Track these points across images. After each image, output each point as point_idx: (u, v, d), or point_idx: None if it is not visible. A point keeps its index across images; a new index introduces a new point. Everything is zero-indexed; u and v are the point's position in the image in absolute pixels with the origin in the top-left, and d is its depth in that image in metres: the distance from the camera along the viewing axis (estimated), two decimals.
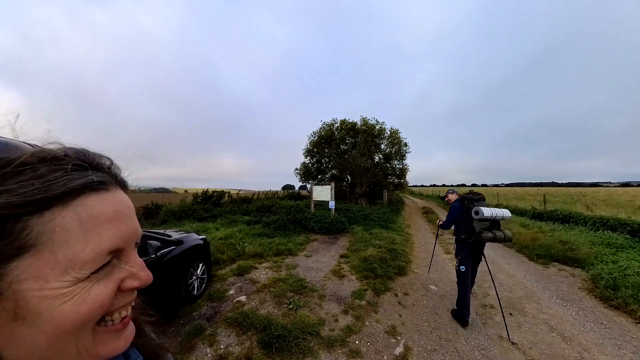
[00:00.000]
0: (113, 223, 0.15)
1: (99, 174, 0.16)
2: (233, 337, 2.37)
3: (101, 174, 0.16)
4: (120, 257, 0.17)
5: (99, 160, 0.18)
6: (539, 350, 2.33)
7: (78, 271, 0.12)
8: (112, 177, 0.18)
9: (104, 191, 0.15)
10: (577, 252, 5.02)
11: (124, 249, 0.17)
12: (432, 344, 2.40)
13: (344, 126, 18.20)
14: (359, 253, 5.12)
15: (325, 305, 3.06)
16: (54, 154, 0.14)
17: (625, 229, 5.99)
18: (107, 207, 0.15)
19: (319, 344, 2.30)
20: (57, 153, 0.14)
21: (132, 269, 0.18)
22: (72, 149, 0.16)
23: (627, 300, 3.18)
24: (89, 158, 0.17)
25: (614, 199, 16.81)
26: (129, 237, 0.17)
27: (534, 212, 9.67)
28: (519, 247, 6.10)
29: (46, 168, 0.13)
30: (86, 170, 0.15)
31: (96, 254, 0.13)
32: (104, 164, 0.18)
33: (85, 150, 0.17)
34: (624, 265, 4.06)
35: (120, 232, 0.16)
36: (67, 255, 0.12)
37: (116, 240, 0.15)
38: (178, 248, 2.88)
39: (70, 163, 0.14)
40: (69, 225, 0.12)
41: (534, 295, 3.56)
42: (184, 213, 10.06)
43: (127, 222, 0.17)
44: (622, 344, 2.47)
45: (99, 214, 0.14)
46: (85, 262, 0.13)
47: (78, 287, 0.13)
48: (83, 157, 0.16)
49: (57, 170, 0.13)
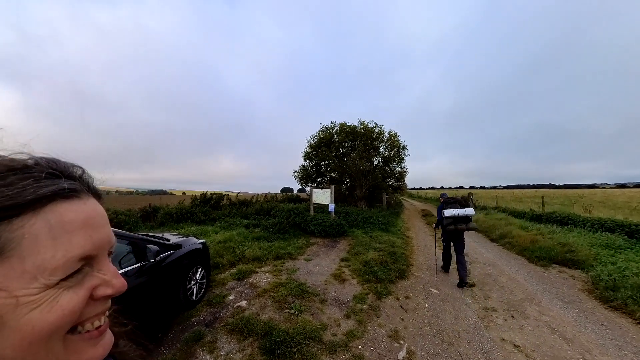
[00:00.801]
0: (84, 230, 0.15)
1: (70, 182, 0.16)
2: (234, 343, 2.33)
3: (73, 182, 0.16)
4: (93, 265, 0.17)
5: (71, 169, 0.18)
6: (541, 352, 2.33)
7: (47, 278, 0.12)
8: (84, 186, 0.18)
9: (76, 199, 0.15)
10: (577, 253, 5.04)
11: (95, 256, 0.16)
12: (435, 348, 2.39)
13: (343, 129, 18.30)
14: (359, 256, 5.10)
15: (327, 309, 3.03)
16: (24, 163, 0.14)
17: (623, 230, 6.04)
18: (78, 214, 0.15)
19: (322, 349, 2.28)
20: (27, 162, 0.14)
21: (105, 276, 0.17)
22: (42, 158, 0.16)
23: (626, 301, 3.19)
24: (60, 166, 0.16)
25: (611, 201, 16.96)
26: (100, 245, 0.17)
27: (532, 214, 9.73)
28: (519, 249, 6.12)
29: (16, 177, 0.13)
30: (57, 178, 0.15)
31: (66, 261, 0.13)
32: (76, 172, 0.18)
33: (56, 159, 0.17)
34: (622, 266, 4.09)
35: (92, 239, 0.15)
36: (36, 262, 0.12)
37: (87, 247, 0.15)
38: (177, 252, 2.86)
39: (40, 171, 0.14)
40: (38, 232, 0.12)
41: (535, 297, 3.56)
42: (182, 216, 9.99)
43: (99, 229, 0.17)
44: (622, 344, 2.47)
45: (69, 221, 0.14)
46: (55, 269, 0.12)
47: (46, 294, 0.12)
48: (54, 165, 0.16)
49: (27, 178, 0.13)
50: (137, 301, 2.13)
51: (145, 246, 2.31)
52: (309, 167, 19.80)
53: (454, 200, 4.22)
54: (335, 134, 18.54)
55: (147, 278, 2.29)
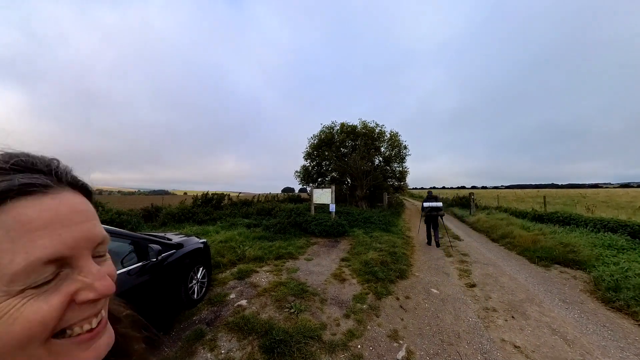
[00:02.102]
0: (50, 229, 0.12)
1: (34, 177, 0.13)
2: (234, 342, 2.35)
3: (38, 176, 0.14)
4: (73, 267, 0.14)
5: (39, 162, 0.15)
6: (541, 353, 2.32)
7: (7, 285, 0.11)
8: (58, 179, 0.15)
9: (41, 194, 0.13)
10: (579, 254, 5.01)
11: (71, 257, 0.14)
12: (434, 348, 2.39)
13: (344, 129, 18.29)
14: (359, 256, 5.10)
15: (326, 309, 3.05)
16: None
17: (625, 231, 5.99)
18: (42, 211, 0.12)
19: (321, 348, 2.29)
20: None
21: (86, 279, 0.15)
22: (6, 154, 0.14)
23: (628, 302, 3.17)
24: (26, 161, 0.14)
25: (614, 200, 16.83)
26: (76, 244, 0.14)
27: (534, 214, 9.66)
28: (520, 249, 6.10)
29: None
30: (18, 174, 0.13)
31: (27, 265, 0.11)
32: (45, 165, 0.15)
33: (23, 154, 0.15)
34: (625, 267, 4.06)
35: (62, 238, 0.13)
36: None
37: (56, 247, 0.12)
38: (178, 252, 2.88)
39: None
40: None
41: (536, 297, 3.55)
42: (184, 216, 10.04)
43: (73, 227, 0.14)
44: (624, 346, 2.45)
45: (30, 220, 0.11)
46: (15, 275, 0.11)
47: (8, 304, 0.11)
48: (16, 160, 0.13)
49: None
50: (139, 300, 2.15)
51: (147, 245, 2.33)
52: (310, 167, 19.81)
53: (432, 196, 7.02)
54: (336, 134, 18.54)
55: (149, 277, 2.31)
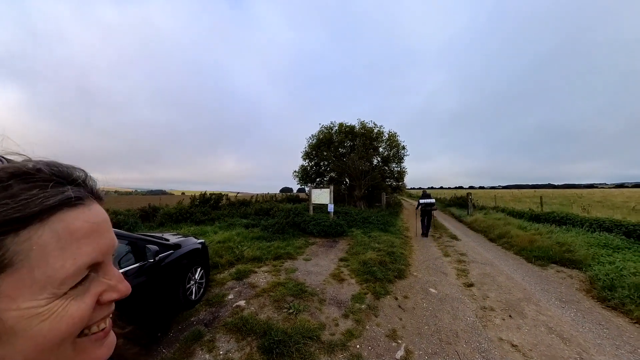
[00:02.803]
0: (91, 237, 0.15)
1: (74, 189, 0.15)
2: (232, 342, 2.34)
3: (77, 188, 0.16)
4: (98, 271, 0.17)
5: (74, 173, 0.17)
6: (538, 351, 2.34)
7: (57, 288, 0.12)
8: (88, 190, 0.17)
9: (81, 206, 0.15)
10: (575, 253, 5.06)
11: (102, 262, 0.16)
12: (433, 347, 2.40)
13: (343, 129, 18.30)
14: (358, 256, 5.11)
15: (325, 309, 3.04)
16: (25, 169, 0.13)
17: (620, 230, 6.07)
18: (84, 222, 0.14)
19: (320, 348, 2.29)
20: (29, 168, 0.13)
21: (110, 281, 0.18)
22: (42, 162, 0.15)
23: (623, 300, 3.21)
24: (64, 172, 0.16)
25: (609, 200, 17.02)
26: (106, 251, 0.17)
27: (531, 214, 9.75)
28: (517, 249, 6.14)
29: (19, 186, 0.12)
30: (62, 186, 0.14)
31: (75, 270, 0.13)
32: (79, 177, 0.17)
33: (57, 163, 0.16)
34: (620, 266, 4.10)
35: (98, 245, 0.15)
36: (46, 273, 0.11)
37: (94, 254, 0.15)
38: (176, 252, 2.86)
39: (45, 179, 0.13)
40: (47, 243, 0.12)
41: (533, 297, 3.58)
42: (182, 216, 9.99)
43: (105, 235, 0.17)
44: (620, 344, 2.48)
45: (77, 230, 0.13)
46: (65, 279, 0.12)
47: (56, 304, 0.12)
48: (57, 171, 0.15)
49: (31, 188, 0.12)
50: (137, 301, 2.13)
51: (144, 246, 2.31)
52: (308, 167, 19.79)
53: (426, 195, 8.53)
54: (334, 134, 18.53)
55: (147, 278, 2.30)
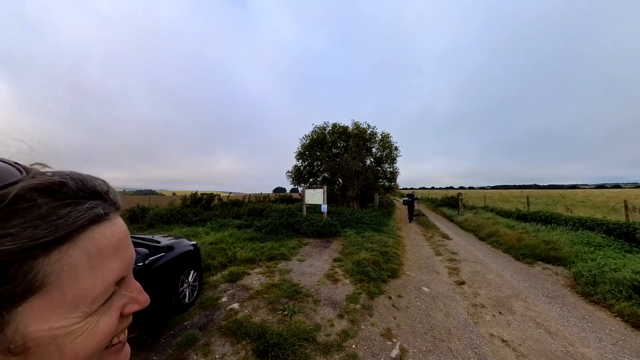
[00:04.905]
0: (117, 253, 0.15)
1: (100, 203, 0.15)
2: (227, 346, 2.30)
3: (101, 201, 0.15)
4: (121, 284, 0.17)
5: (97, 185, 0.16)
6: (527, 346, 2.42)
7: (89, 307, 0.12)
8: (111, 203, 0.17)
9: (107, 221, 0.14)
10: (560, 251, 5.26)
11: (125, 275, 0.17)
12: (427, 345, 2.44)
13: (336, 130, 18.36)
14: (352, 256, 5.13)
15: (320, 310, 3.04)
16: (50, 183, 0.12)
17: (602, 229, 6.34)
18: (111, 237, 0.14)
19: (316, 350, 2.28)
20: (53, 182, 0.12)
21: (132, 294, 0.18)
22: (66, 174, 0.14)
23: (605, 295, 3.36)
24: (88, 186, 0.15)
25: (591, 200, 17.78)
26: (130, 264, 0.17)
27: (518, 213, 10.06)
28: (505, 247, 6.34)
29: (48, 205, 0.11)
30: (89, 201, 0.14)
31: (105, 288, 0.13)
32: (102, 189, 0.16)
33: (80, 176, 0.15)
34: (601, 262, 4.29)
35: (123, 260, 0.15)
36: (77, 292, 0.12)
37: (121, 270, 0.15)
38: (168, 255, 2.79)
39: (72, 195, 0.13)
40: (77, 262, 0.11)
41: (521, 293, 3.69)
42: (173, 217, 9.76)
43: (128, 248, 0.17)
44: (602, 336, 2.60)
45: (105, 246, 0.13)
46: (96, 297, 0.12)
47: (87, 321, 0.12)
48: (82, 185, 0.14)
49: (61, 207, 0.12)
50: None
51: None
52: (301, 167, 19.74)
53: (410, 194, 13.36)
54: (327, 135, 18.57)
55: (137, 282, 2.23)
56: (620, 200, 8.23)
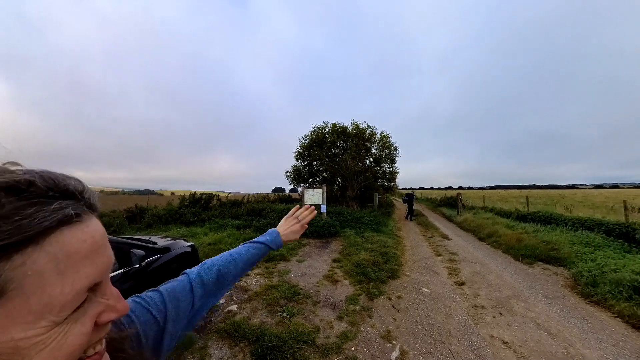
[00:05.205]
0: (89, 257, 0.13)
1: (72, 204, 0.13)
2: (225, 349, 2.27)
3: (74, 202, 0.13)
4: (96, 291, 0.15)
5: (70, 184, 0.14)
6: (528, 347, 2.40)
7: (56, 316, 0.11)
8: (85, 204, 0.15)
9: (79, 223, 0.13)
10: (559, 251, 5.25)
11: (100, 281, 0.15)
12: (427, 347, 2.41)
13: (335, 130, 18.34)
14: (351, 257, 5.11)
15: (319, 312, 3.01)
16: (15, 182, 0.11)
17: (601, 229, 6.33)
18: (83, 241, 0.12)
19: (315, 352, 2.25)
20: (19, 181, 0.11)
21: (109, 301, 0.16)
22: (35, 172, 0.12)
23: (605, 296, 3.35)
24: (60, 185, 0.13)
25: (590, 200, 17.83)
26: (105, 269, 0.15)
27: (518, 213, 10.04)
28: (505, 247, 6.32)
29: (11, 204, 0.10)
30: (58, 201, 0.12)
31: (75, 295, 0.11)
32: (76, 189, 0.15)
33: (51, 174, 0.13)
34: (601, 263, 4.28)
35: (97, 265, 0.14)
36: (43, 300, 0.10)
37: (94, 275, 0.13)
38: (165, 256, 2.76)
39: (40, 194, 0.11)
40: (43, 268, 0.10)
41: (521, 294, 3.68)
42: (171, 217, 9.70)
43: (103, 252, 0.15)
44: (603, 337, 2.58)
45: (75, 251, 0.12)
46: (64, 305, 0.11)
47: (55, 331, 0.11)
48: (52, 184, 0.13)
49: (25, 207, 0.10)
50: None
51: (129, 251, 2.21)
52: (301, 167, 19.71)
53: (408, 194, 13.47)
54: (327, 134, 18.54)
55: (133, 284, 2.20)
56: (619, 200, 8.24)
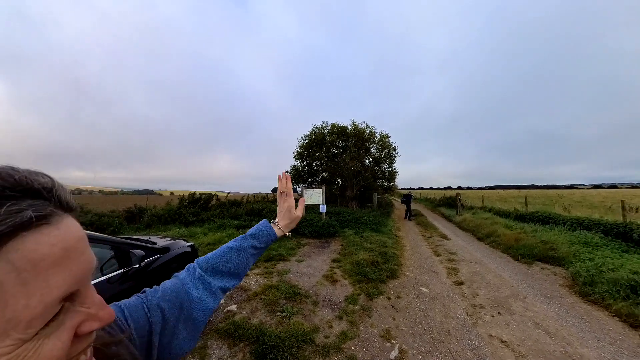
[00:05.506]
0: (62, 264, 0.11)
1: (36, 204, 0.11)
2: (225, 349, 2.28)
3: (39, 202, 0.11)
4: (74, 300, 0.13)
5: (35, 181, 0.12)
6: (526, 346, 2.41)
7: (23, 332, 0.10)
8: (55, 203, 0.12)
9: (45, 226, 0.11)
10: (558, 251, 5.27)
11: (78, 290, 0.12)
12: (426, 346, 2.42)
13: (335, 130, 18.34)
14: (350, 257, 5.12)
15: (319, 311, 3.02)
16: None
17: (599, 229, 6.36)
18: (52, 246, 0.11)
19: (314, 352, 2.26)
20: None
21: (90, 310, 0.14)
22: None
23: (603, 295, 3.37)
24: (21, 181, 0.11)
25: (588, 200, 17.89)
26: (83, 276, 0.13)
27: (516, 213, 10.08)
28: (504, 247, 6.35)
29: None
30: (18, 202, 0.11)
31: (44, 307, 0.10)
32: (44, 186, 0.12)
33: (12, 171, 0.11)
34: (599, 262, 4.30)
35: (72, 273, 0.11)
36: (5, 316, 0.10)
37: (68, 284, 0.11)
38: (164, 256, 2.76)
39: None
40: (2, 280, 0.10)
41: (520, 293, 3.69)
42: (170, 217, 9.70)
43: (80, 258, 0.12)
44: (600, 336, 2.60)
45: (42, 258, 0.10)
46: (32, 320, 0.10)
47: (24, 349, 0.10)
48: (11, 182, 0.11)
49: None
50: None
51: (129, 251, 2.21)
52: (300, 167, 19.70)
53: (406, 195, 14.26)
54: (326, 134, 18.54)
55: (133, 284, 2.20)
56: (617, 200, 8.27)
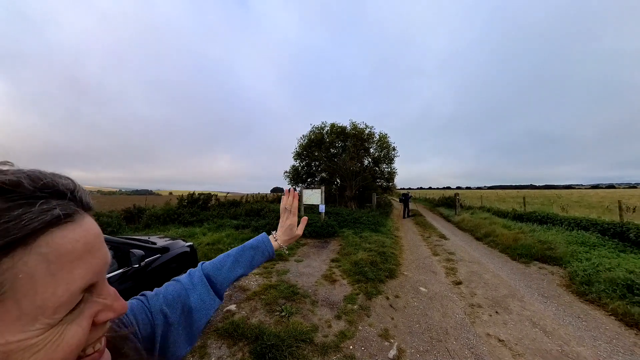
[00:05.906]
0: (83, 258, 0.13)
1: (62, 204, 0.13)
2: (224, 348, 2.29)
3: (64, 201, 0.13)
4: (93, 291, 0.15)
5: (60, 184, 0.14)
6: (523, 345, 2.43)
7: (50, 317, 0.11)
8: (77, 203, 0.15)
9: (70, 223, 0.12)
10: (555, 251, 5.31)
11: (96, 282, 0.15)
12: (424, 345, 2.44)
13: (334, 130, 18.35)
14: (349, 257, 5.13)
15: (317, 311, 3.03)
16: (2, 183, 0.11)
17: (596, 229, 6.40)
18: (76, 241, 0.12)
19: (313, 351, 2.27)
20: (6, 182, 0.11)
21: (106, 300, 0.16)
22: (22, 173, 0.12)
23: (600, 294, 3.40)
24: (48, 184, 0.13)
25: (586, 200, 17.98)
26: (101, 269, 0.15)
27: (514, 213, 10.13)
28: (502, 247, 6.38)
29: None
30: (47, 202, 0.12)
31: (69, 296, 0.11)
32: (67, 188, 0.14)
33: (40, 173, 0.13)
34: (596, 262, 4.34)
35: (92, 265, 0.14)
36: (35, 303, 0.11)
37: (89, 276, 0.13)
38: (164, 256, 2.76)
39: (27, 195, 0.11)
40: (34, 270, 0.11)
41: (518, 293, 3.72)
42: (169, 217, 9.69)
43: (97, 253, 0.15)
44: (597, 335, 2.63)
45: (68, 251, 0.12)
46: (58, 307, 0.11)
47: (50, 333, 0.11)
48: (41, 184, 0.12)
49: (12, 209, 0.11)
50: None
51: (128, 251, 2.22)
52: (299, 167, 19.70)
53: (405, 194, 15.47)
54: (325, 135, 18.54)
55: (132, 284, 2.20)
56: (614, 200, 8.32)
